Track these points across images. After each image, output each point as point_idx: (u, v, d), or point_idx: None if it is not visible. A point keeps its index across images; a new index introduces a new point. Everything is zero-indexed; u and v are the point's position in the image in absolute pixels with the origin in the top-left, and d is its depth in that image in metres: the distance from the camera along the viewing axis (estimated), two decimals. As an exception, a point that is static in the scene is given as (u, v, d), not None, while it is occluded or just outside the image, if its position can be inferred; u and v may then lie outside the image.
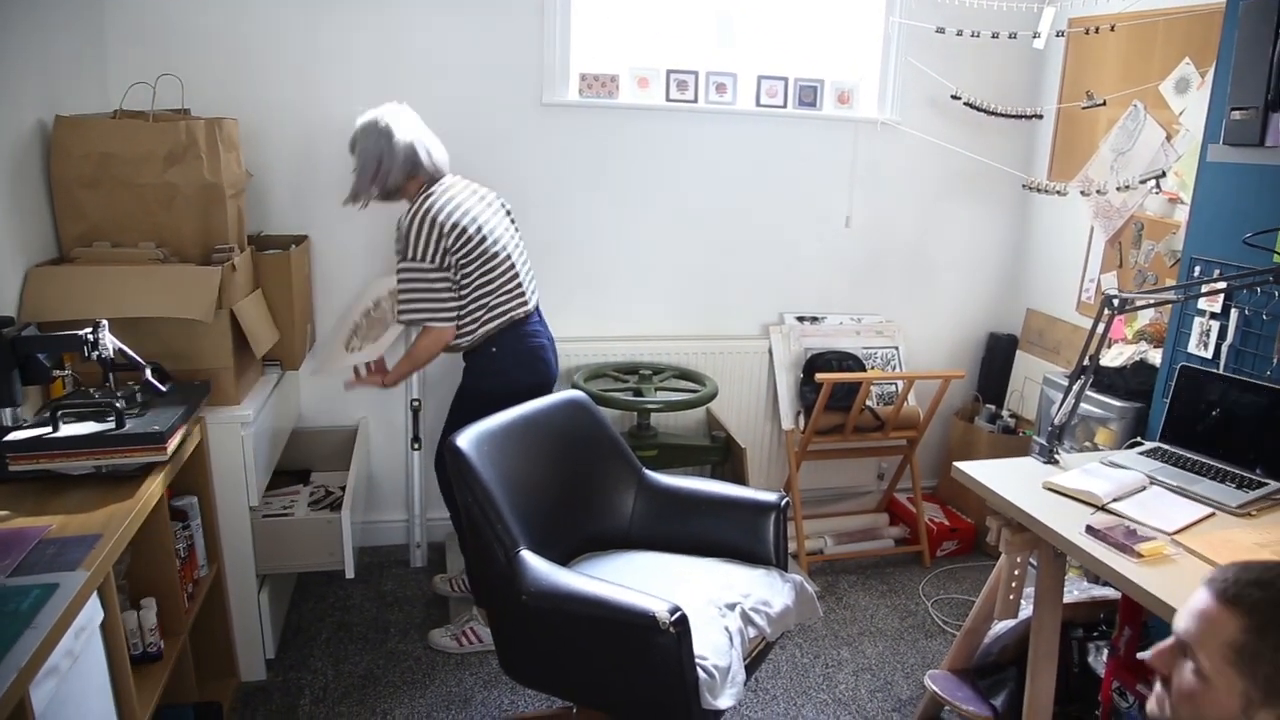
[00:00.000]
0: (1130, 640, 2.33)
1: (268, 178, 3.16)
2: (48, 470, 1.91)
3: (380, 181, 2.71)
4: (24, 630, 1.34)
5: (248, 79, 3.08)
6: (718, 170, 3.60)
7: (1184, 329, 2.73)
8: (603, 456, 2.59)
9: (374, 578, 3.39)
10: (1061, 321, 3.72)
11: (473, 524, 2.15)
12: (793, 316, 3.82)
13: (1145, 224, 3.26)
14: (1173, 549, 1.97)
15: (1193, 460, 2.41)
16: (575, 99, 3.40)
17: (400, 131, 2.69)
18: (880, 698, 2.80)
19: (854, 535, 3.75)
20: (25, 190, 2.36)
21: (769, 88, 3.56)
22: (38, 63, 2.46)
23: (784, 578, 2.38)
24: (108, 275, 2.38)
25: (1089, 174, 3.49)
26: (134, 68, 2.80)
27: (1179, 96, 3.10)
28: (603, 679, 2.09)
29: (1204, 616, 1.15)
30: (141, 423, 2.03)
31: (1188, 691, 1.16)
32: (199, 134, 2.49)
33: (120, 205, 2.47)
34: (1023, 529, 2.22)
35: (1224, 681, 1.12)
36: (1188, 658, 1.17)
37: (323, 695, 2.70)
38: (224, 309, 2.44)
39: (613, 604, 1.94)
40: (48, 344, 2.06)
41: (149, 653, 2.09)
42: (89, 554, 1.61)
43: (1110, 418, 3.02)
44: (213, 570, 2.53)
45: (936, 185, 3.84)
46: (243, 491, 2.57)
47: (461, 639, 2.92)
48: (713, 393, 3.35)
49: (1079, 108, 3.52)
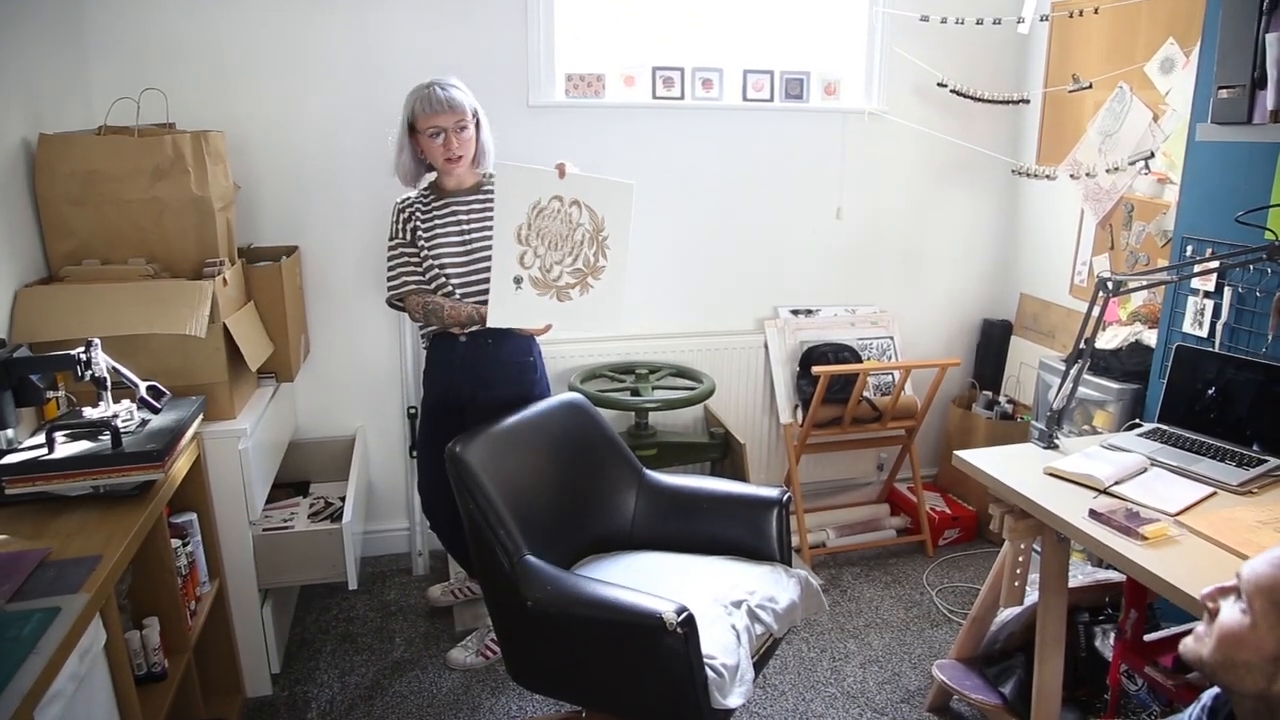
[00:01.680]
0: (1137, 623, 2.33)
1: (256, 189, 3.14)
2: (45, 492, 1.89)
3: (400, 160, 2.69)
4: (27, 656, 1.33)
5: (231, 90, 3.06)
6: (707, 166, 3.59)
7: (1178, 309, 2.73)
8: (602, 458, 2.58)
9: (376, 587, 3.38)
10: (1055, 305, 3.72)
11: (475, 531, 2.14)
12: (787, 310, 3.82)
13: (1135, 205, 3.26)
14: (1176, 530, 1.97)
15: (1192, 440, 2.41)
16: (562, 99, 3.39)
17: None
18: (889, 689, 2.80)
19: (856, 527, 3.75)
20: (11, 210, 2.34)
21: (755, 81, 3.55)
22: (19, 80, 2.45)
23: (789, 573, 2.38)
24: (98, 293, 2.36)
25: (1077, 157, 3.49)
26: (117, 83, 2.78)
27: (1164, 77, 3.10)
28: (611, 682, 2.08)
29: (1271, 562, 1.18)
30: (138, 441, 2.01)
31: (1229, 629, 1.18)
32: (185, 147, 2.48)
33: (108, 222, 2.46)
34: (1026, 515, 2.22)
35: (1267, 624, 1.15)
36: (1240, 599, 1.19)
37: (329, 708, 2.69)
38: (217, 323, 2.43)
39: (619, 606, 1.93)
40: (40, 365, 2.05)
41: (153, 672, 2.07)
42: (90, 576, 1.60)
43: (1108, 400, 3.02)
44: (215, 586, 2.52)
45: (926, 174, 3.84)
46: (242, 506, 2.55)
47: (486, 653, 2.90)
48: (710, 389, 3.35)
49: (1065, 91, 3.52)
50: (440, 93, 2.55)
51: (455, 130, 2.57)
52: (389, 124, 3.19)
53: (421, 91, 2.57)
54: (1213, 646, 1.21)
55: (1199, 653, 1.23)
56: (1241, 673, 1.17)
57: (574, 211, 2.55)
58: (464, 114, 2.57)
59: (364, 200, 3.24)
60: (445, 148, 2.57)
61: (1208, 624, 1.24)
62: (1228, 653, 1.19)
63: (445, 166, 2.62)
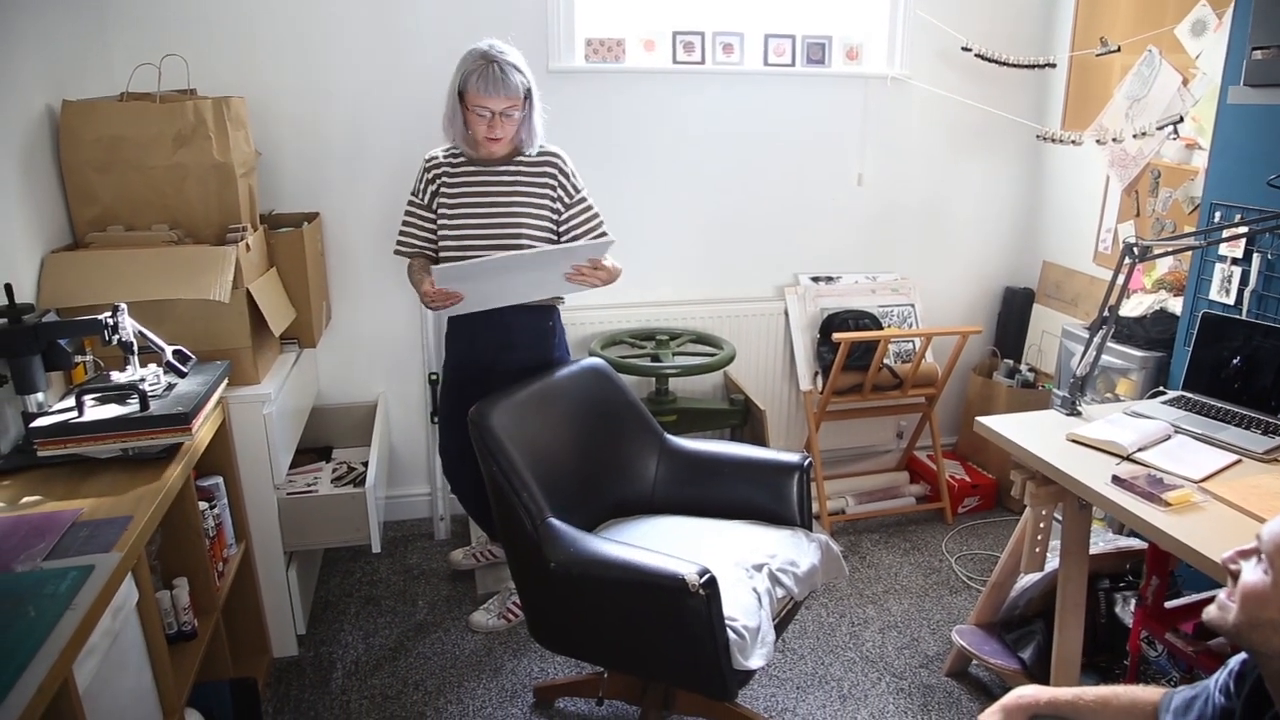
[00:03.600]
0: (1158, 590, 2.33)
1: (277, 155, 3.15)
2: (75, 454, 1.92)
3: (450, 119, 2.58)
4: (64, 611, 1.35)
5: (252, 56, 3.06)
6: (727, 132, 3.57)
7: (1205, 276, 2.71)
8: (624, 422, 2.59)
9: (398, 552, 3.42)
10: (1079, 273, 3.69)
11: (499, 494, 2.16)
12: (807, 277, 3.81)
13: (1162, 171, 3.22)
14: (1200, 496, 1.97)
15: (1217, 408, 2.39)
16: (582, 65, 3.37)
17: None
18: (907, 654, 2.82)
19: (875, 494, 3.76)
20: (37, 177, 2.36)
21: (776, 46, 3.52)
22: (42, 48, 2.45)
23: (809, 537, 2.39)
24: (123, 259, 2.38)
25: (1104, 122, 3.44)
26: (138, 49, 2.78)
27: (1195, 39, 3.05)
28: (633, 643, 2.10)
29: None
30: (165, 404, 2.03)
31: (1253, 588, 1.20)
32: (207, 114, 2.48)
33: (132, 188, 2.47)
34: (1048, 482, 2.22)
35: None
36: (1261, 560, 1.21)
37: (355, 668, 2.73)
38: (240, 289, 2.44)
39: (642, 568, 1.95)
40: (69, 329, 2.07)
41: (183, 631, 2.11)
42: (121, 535, 1.62)
43: (1131, 368, 3.00)
44: (241, 549, 2.55)
45: (949, 139, 3.81)
46: (267, 470, 2.58)
47: (508, 615, 2.93)
48: (730, 356, 3.35)
49: (1092, 55, 3.46)
50: (497, 73, 2.42)
51: (503, 114, 2.47)
52: (410, 89, 3.20)
53: (477, 64, 2.44)
54: (1237, 608, 1.22)
55: (1224, 618, 1.25)
56: (1268, 632, 1.18)
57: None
58: (516, 98, 2.46)
59: (385, 166, 3.25)
60: (489, 128, 2.49)
61: (1231, 588, 1.25)
62: (1252, 612, 1.20)
63: (484, 143, 2.55)
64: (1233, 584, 1.25)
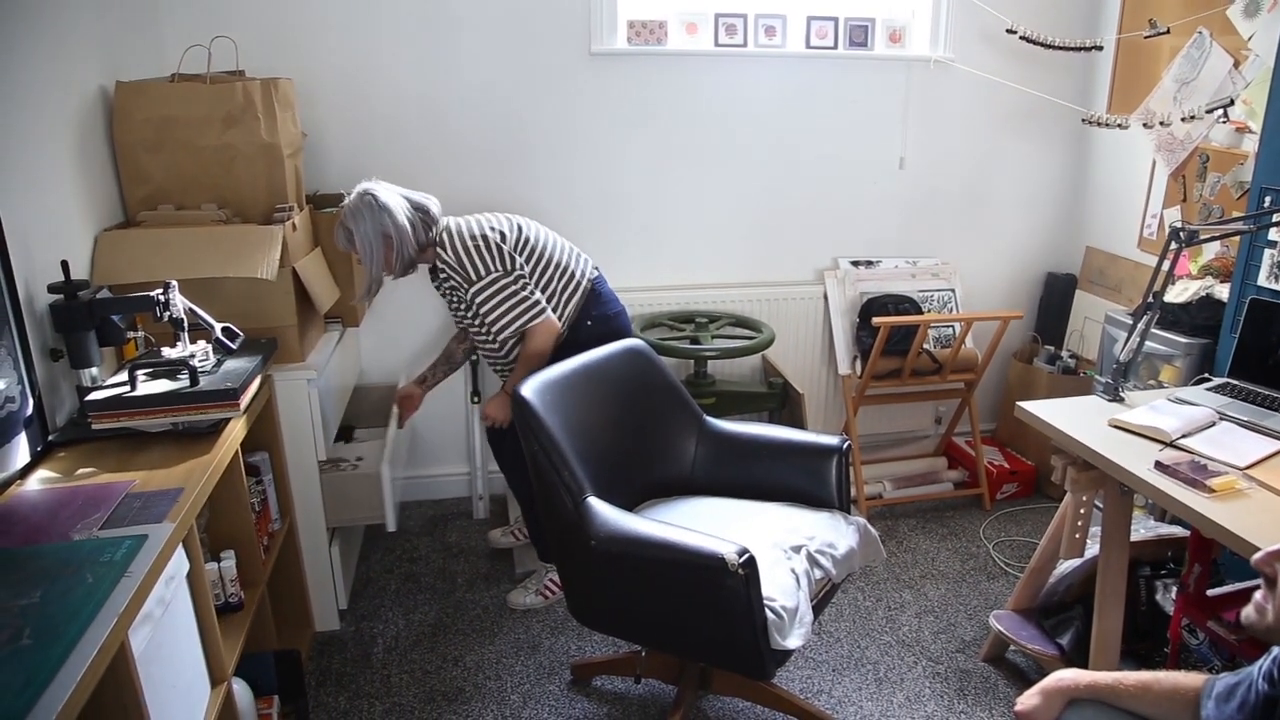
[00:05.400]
0: (1200, 577, 2.31)
1: (322, 137, 3.19)
2: (127, 428, 1.96)
3: (401, 253, 2.59)
4: (121, 577, 1.40)
5: (299, 38, 3.10)
6: (769, 115, 3.55)
7: (1254, 261, 2.67)
8: (664, 403, 2.60)
9: (438, 530, 3.46)
10: (1123, 259, 3.65)
11: (539, 472, 2.18)
12: (847, 261, 3.79)
13: (1211, 156, 3.17)
14: (1245, 483, 1.95)
15: (1263, 395, 2.36)
16: (624, 47, 3.37)
17: (387, 196, 2.57)
18: (944, 639, 2.81)
19: (913, 479, 3.74)
20: (91, 156, 2.41)
21: (819, 29, 3.49)
22: (95, 30, 2.49)
23: (848, 520, 2.39)
24: (173, 237, 2.43)
25: (1151, 106, 3.39)
26: (188, 31, 2.83)
27: (1248, 21, 2.99)
28: (671, 622, 2.12)
29: None
30: (214, 380, 2.07)
31: None
32: (255, 95, 2.52)
33: (182, 168, 2.51)
34: (1089, 467, 2.20)
35: None
36: None
37: (395, 644, 2.78)
38: (286, 267, 2.47)
39: (681, 547, 1.96)
40: (122, 305, 2.11)
41: (230, 603, 2.15)
42: (173, 507, 1.66)
43: (1175, 355, 2.97)
44: (285, 524, 2.60)
45: (992, 123, 3.76)
46: (311, 446, 2.62)
47: (546, 593, 2.96)
48: (769, 339, 3.35)
49: (1141, 37, 3.41)
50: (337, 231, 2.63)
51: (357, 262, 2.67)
52: (453, 72, 3.24)
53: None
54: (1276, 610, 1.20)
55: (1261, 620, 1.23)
56: None
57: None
58: (352, 249, 2.63)
59: (429, 148, 3.28)
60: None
61: (1267, 590, 1.23)
62: None
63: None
64: (1268, 586, 1.23)
